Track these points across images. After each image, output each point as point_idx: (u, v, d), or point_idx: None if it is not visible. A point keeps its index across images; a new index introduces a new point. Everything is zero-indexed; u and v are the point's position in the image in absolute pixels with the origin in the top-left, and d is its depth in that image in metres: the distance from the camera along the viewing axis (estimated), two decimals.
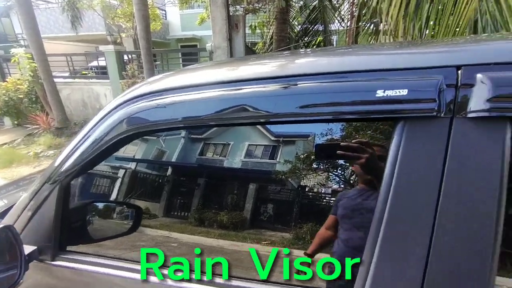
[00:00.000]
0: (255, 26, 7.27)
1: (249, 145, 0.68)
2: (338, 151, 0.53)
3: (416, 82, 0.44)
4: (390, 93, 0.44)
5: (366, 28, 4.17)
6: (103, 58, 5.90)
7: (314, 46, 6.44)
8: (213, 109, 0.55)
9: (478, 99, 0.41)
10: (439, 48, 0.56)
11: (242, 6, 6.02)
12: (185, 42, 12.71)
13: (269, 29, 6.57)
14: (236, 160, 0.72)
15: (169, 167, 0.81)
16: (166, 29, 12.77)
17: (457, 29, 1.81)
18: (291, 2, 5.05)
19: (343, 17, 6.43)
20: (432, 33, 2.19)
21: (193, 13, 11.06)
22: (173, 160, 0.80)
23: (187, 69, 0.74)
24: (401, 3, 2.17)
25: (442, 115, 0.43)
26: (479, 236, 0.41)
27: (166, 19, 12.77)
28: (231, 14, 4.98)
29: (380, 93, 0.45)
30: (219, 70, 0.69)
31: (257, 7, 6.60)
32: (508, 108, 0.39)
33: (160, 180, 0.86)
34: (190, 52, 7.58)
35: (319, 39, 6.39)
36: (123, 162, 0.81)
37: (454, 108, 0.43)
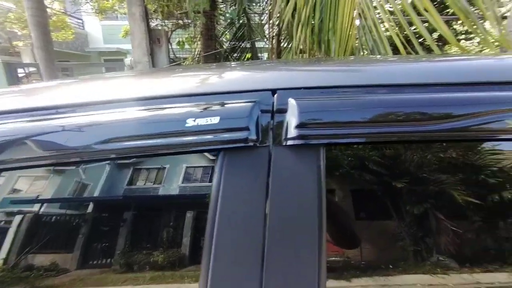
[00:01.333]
0: (183, 42, 7.11)
1: (187, 167, 0.53)
2: None
3: (229, 109, 0.38)
4: (201, 121, 0.38)
5: (285, 46, 4.51)
6: None
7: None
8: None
9: (290, 126, 0.38)
10: (255, 71, 0.53)
11: (166, 21, 5.82)
12: (108, 55, 11.56)
13: (197, 45, 6.53)
14: (172, 186, 0.57)
15: (87, 203, 0.59)
16: (84, 40, 11.42)
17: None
18: (216, 19, 5.11)
19: (267, 36, 6.88)
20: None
21: (116, 24, 10.19)
22: (93, 194, 0.59)
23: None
24: (307, 28, 2.37)
25: (258, 144, 0.38)
26: (306, 250, 0.38)
27: (83, 29, 11.47)
28: (152, 28, 4.72)
29: (190, 122, 0.38)
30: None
31: (186, 23, 6.49)
32: (313, 135, 0.37)
33: (74, 223, 0.62)
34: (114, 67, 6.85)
35: (247, 55, 6.64)
36: (20, 205, 0.56)
37: (270, 136, 0.38)
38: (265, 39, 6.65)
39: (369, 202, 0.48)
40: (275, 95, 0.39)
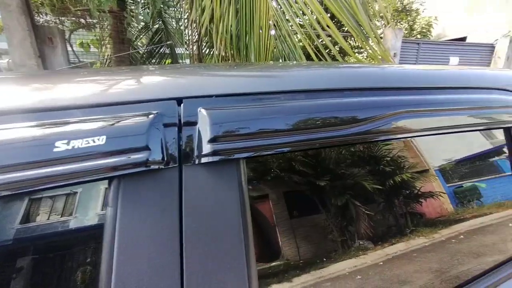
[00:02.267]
0: (88, 44, 6.13)
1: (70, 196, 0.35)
2: None
3: (120, 125, 0.30)
4: (78, 144, 0.28)
5: (207, 53, 4.45)
6: None
7: None
8: None
9: (202, 141, 0.32)
10: (157, 77, 0.47)
11: (63, 18, 4.89)
12: None
13: (106, 48, 5.74)
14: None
15: None
16: None
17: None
18: (127, 20, 4.58)
19: (187, 41, 6.67)
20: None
21: None
22: None
23: None
24: (227, 36, 2.37)
25: (164, 166, 0.31)
26: (226, 268, 0.34)
27: None
28: (40, 25, 3.86)
29: (61, 146, 0.27)
30: None
31: (90, 22, 5.59)
32: (230, 150, 0.33)
33: None
34: None
35: (167, 61, 6.25)
36: None
37: (179, 154, 0.32)
38: (185, 46, 6.41)
39: (298, 207, 0.49)
40: (182, 105, 0.33)
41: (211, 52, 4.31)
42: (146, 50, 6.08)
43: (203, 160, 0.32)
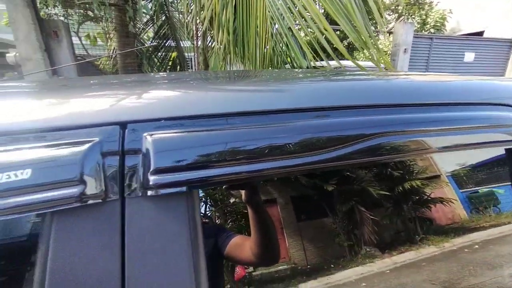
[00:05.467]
0: (95, 37, 6.15)
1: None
2: None
3: (48, 155, 0.27)
4: None
5: (211, 46, 4.38)
6: None
7: (170, 63, 6.23)
8: None
9: (145, 172, 0.29)
10: (99, 95, 0.42)
11: (70, 10, 4.91)
12: None
13: (112, 41, 5.75)
14: None
15: None
16: None
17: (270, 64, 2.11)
18: (129, 14, 4.54)
19: (192, 35, 6.61)
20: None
21: None
22: None
23: None
24: (228, 30, 2.32)
25: (102, 199, 0.28)
26: None
27: None
28: (45, 18, 3.88)
29: None
30: None
31: (98, 15, 5.60)
32: (178, 182, 0.29)
33: None
34: None
35: (173, 55, 6.24)
36: None
37: (120, 186, 0.29)
38: (190, 39, 6.35)
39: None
40: (126, 130, 0.29)
41: (213, 46, 4.25)
42: (151, 44, 6.06)
43: (148, 193, 0.29)
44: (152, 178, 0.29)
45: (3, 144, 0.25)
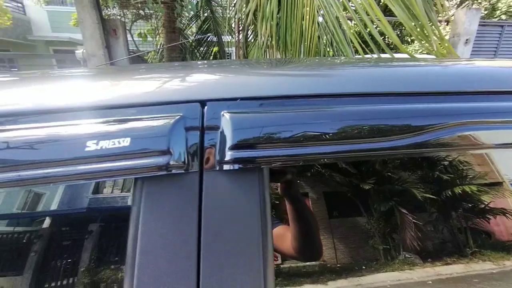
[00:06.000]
0: (146, 34, 6.65)
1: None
2: None
3: (143, 127, 0.30)
4: (106, 144, 0.29)
5: (252, 41, 4.41)
6: None
7: (211, 57, 6.44)
8: None
9: (224, 147, 0.31)
10: (180, 77, 0.45)
11: (125, 10, 5.37)
12: (59, 45, 10.35)
13: (160, 37, 6.15)
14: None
15: None
16: (26, 27, 10.06)
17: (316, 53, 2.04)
18: (177, 10, 4.80)
19: (233, 29, 6.72)
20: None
21: (64, 11, 9.17)
22: None
23: None
24: (272, 23, 2.31)
25: (184, 170, 0.31)
26: (243, 273, 0.33)
27: (24, 14, 10.10)
28: (107, 18, 4.31)
29: (91, 146, 0.29)
30: None
31: (148, 14, 6.05)
32: (253, 158, 0.31)
33: None
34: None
35: (214, 49, 6.44)
36: None
37: (200, 159, 0.31)
38: (231, 34, 6.48)
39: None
40: (205, 108, 0.32)
41: (256, 41, 4.26)
42: (195, 39, 6.34)
43: (225, 167, 0.31)
44: (229, 153, 0.31)
45: (110, 116, 0.30)
